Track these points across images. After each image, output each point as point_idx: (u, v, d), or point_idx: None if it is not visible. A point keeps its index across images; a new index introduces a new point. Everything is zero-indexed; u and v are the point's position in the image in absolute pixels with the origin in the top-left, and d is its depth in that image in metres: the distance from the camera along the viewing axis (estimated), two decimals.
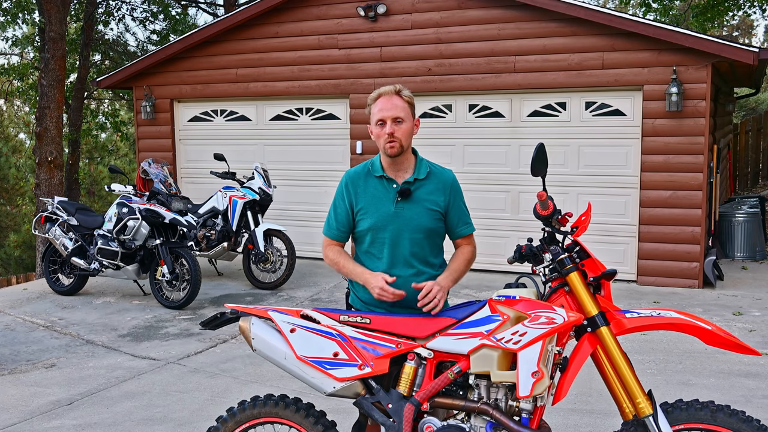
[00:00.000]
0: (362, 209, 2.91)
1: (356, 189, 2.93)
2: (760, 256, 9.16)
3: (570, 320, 2.46)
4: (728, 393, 4.66)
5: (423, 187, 2.90)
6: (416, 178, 2.90)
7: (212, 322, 2.90)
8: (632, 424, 2.54)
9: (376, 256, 2.92)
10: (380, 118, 2.85)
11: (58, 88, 11.75)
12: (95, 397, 4.91)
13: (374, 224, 2.88)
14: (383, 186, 2.91)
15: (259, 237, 7.73)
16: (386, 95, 2.88)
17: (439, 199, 2.91)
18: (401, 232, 2.87)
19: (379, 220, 2.87)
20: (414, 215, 2.87)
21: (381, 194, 2.90)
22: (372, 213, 2.89)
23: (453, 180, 2.98)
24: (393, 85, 2.92)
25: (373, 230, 2.89)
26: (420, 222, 2.87)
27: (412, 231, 2.87)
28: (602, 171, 8.06)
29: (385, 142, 2.85)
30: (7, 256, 17.73)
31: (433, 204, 2.89)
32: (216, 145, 9.93)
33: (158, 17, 17.11)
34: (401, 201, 2.87)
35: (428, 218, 2.88)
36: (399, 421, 2.60)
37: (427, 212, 2.88)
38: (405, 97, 2.90)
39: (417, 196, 2.88)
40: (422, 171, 2.92)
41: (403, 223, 2.86)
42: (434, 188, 2.91)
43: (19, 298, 8.01)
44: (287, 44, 9.36)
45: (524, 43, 8.15)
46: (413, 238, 2.87)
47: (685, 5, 17.48)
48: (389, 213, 2.87)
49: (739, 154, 14.55)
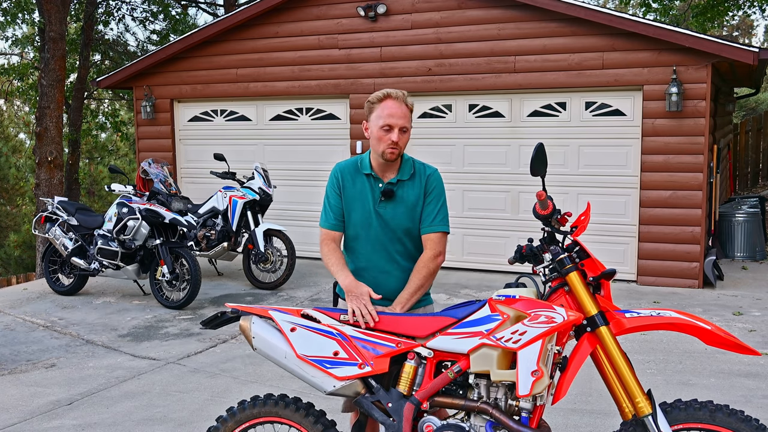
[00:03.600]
0: (347, 203, 2.99)
1: (345, 182, 3.01)
2: (760, 256, 9.17)
3: (570, 319, 2.47)
4: (728, 393, 4.66)
5: (405, 187, 2.97)
6: (399, 179, 2.96)
7: (213, 322, 2.91)
8: (631, 424, 2.55)
9: (360, 251, 3.02)
10: (388, 123, 2.87)
11: (58, 88, 11.75)
12: (95, 397, 4.92)
13: (357, 220, 2.98)
14: (369, 184, 2.98)
15: (259, 237, 7.73)
16: (396, 100, 2.88)
17: (419, 195, 2.97)
18: (383, 230, 2.96)
19: (362, 217, 2.97)
20: (395, 215, 2.95)
21: (366, 192, 2.98)
22: (356, 209, 2.98)
23: (431, 175, 3.00)
24: (401, 91, 2.93)
25: (356, 226, 2.99)
26: (401, 222, 2.96)
27: (393, 230, 2.96)
28: (602, 171, 8.06)
29: (386, 147, 2.89)
30: (7, 256, 17.73)
31: (413, 204, 2.96)
32: (216, 145, 9.93)
33: (158, 17, 17.11)
34: (384, 201, 2.95)
35: (408, 218, 2.96)
36: (399, 420, 2.60)
37: (408, 212, 2.96)
38: (409, 105, 2.93)
39: (399, 195, 2.96)
40: (406, 172, 2.98)
41: (384, 222, 2.96)
42: (416, 186, 2.98)
43: (19, 298, 8.01)
44: (287, 44, 9.37)
45: (524, 43, 8.16)
46: (394, 236, 2.97)
47: (685, 5, 17.49)
48: (371, 212, 2.96)
49: (739, 154, 14.55)
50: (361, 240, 3.00)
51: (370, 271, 3.00)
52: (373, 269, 3.00)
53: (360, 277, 2.98)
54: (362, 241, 3.00)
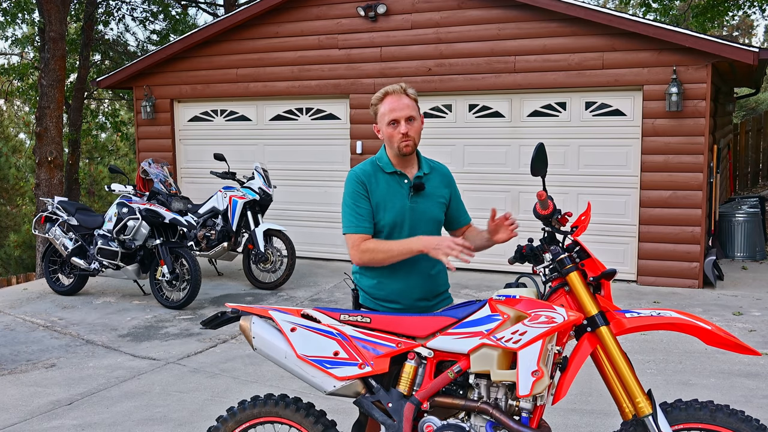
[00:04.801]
0: (377, 206, 2.90)
1: (370, 186, 2.91)
2: (760, 256, 9.17)
3: (570, 319, 2.46)
4: (728, 393, 4.66)
5: (430, 181, 2.98)
6: (424, 173, 2.97)
7: (213, 322, 2.91)
8: (632, 424, 2.55)
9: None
10: (393, 118, 2.85)
11: (58, 88, 11.75)
12: (95, 397, 4.92)
13: (393, 220, 2.90)
14: (396, 182, 2.94)
15: (259, 237, 7.73)
16: (394, 94, 2.88)
17: (445, 191, 3.02)
18: (417, 224, 2.93)
19: (397, 215, 2.91)
20: (427, 208, 2.95)
21: (395, 190, 2.93)
22: (389, 209, 2.90)
23: (448, 174, 3.10)
24: (398, 84, 2.92)
25: (392, 226, 2.91)
26: (433, 214, 2.97)
27: (427, 223, 2.95)
28: (602, 171, 8.06)
29: (400, 141, 2.87)
30: (7, 256, 17.72)
31: (440, 197, 3.00)
32: (216, 145, 9.93)
33: (158, 17, 17.11)
34: (414, 195, 2.93)
35: (439, 210, 3.00)
36: (399, 421, 2.60)
37: (438, 205, 2.99)
38: (411, 95, 2.92)
39: (427, 189, 2.96)
40: (426, 166, 3.00)
41: (418, 216, 2.93)
42: (439, 182, 3.01)
43: (19, 298, 8.01)
44: (287, 44, 9.37)
45: (524, 43, 8.16)
46: (427, 230, 2.95)
47: (685, 5, 17.49)
48: (405, 207, 2.92)
49: (739, 154, 14.55)
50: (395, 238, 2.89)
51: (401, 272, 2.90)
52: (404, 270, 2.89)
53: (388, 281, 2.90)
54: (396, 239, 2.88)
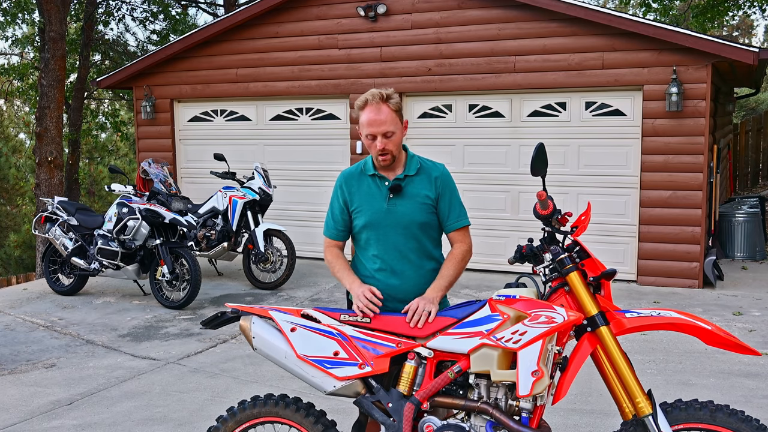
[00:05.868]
0: (357, 208, 2.96)
1: (350, 188, 2.97)
2: (760, 256, 9.17)
3: (570, 319, 2.47)
4: (728, 393, 4.66)
5: (414, 182, 2.93)
6: (406, 175, 2.93)
7: (213, 322, 2.91)
8: (632, 424, 2.55)
9: (373, 254, 2.96)
10: (370, 133, 2.84)
11: (58, 88, 11.75)
12: (95, 397, 4.92)
13: (368, 222, 2.93)
14: (375, 184, 2.95)
15: (259, 237, 7.73)
16: (373, 105, 2.82)
17: (430, 192, 2.93)
18: (395, 227, 2.91)
19: (373, 217, 2.92)
20: (407, 210, 2.91)
21: (374, 192, 2.94)
22: (366, 210, 2.93)
23: (442, 172, 2.99)
24: (379, 91, 2.85)
25: (368, 228, 2.94)
26: (413, 217, 2.91)
27: (406, 226, 2.91)
28: (602, 171, 8.06)
29: (377, 155, 2.88)
30: (7, 256, 17.72)
31: (424, 198, 2.93)
32: (216, 145, 9.93)
33: (158, 17, 17.11)
34: (393, 197, 2.91)
35: (421, 212, 2.92)
36: (399, 421, 2.60)
37: (420, 206, 2.92)
38: (392, 105, 2.84)
39: (408, 191, 2.92)
40: (412, 167, 2.95)
41: (396, 219, 2.90)
42: (424, 183, 2.94)
43: (19, 298, 8.01)
44: (287, 44, 9.37)
45: (524, 43, 8.16)
46: (408, 233, 2.91)
47: (685, 5, 17.49)
48: (382, 210, 2.91)
49: (739, 154, 14.55)
50: (372, 242, 2.94)
51: (382, 273, 2.94)
52: (386, 270, 2.94)
53: (372, 280, 2.94)
54: (374, 243, 2.94)
